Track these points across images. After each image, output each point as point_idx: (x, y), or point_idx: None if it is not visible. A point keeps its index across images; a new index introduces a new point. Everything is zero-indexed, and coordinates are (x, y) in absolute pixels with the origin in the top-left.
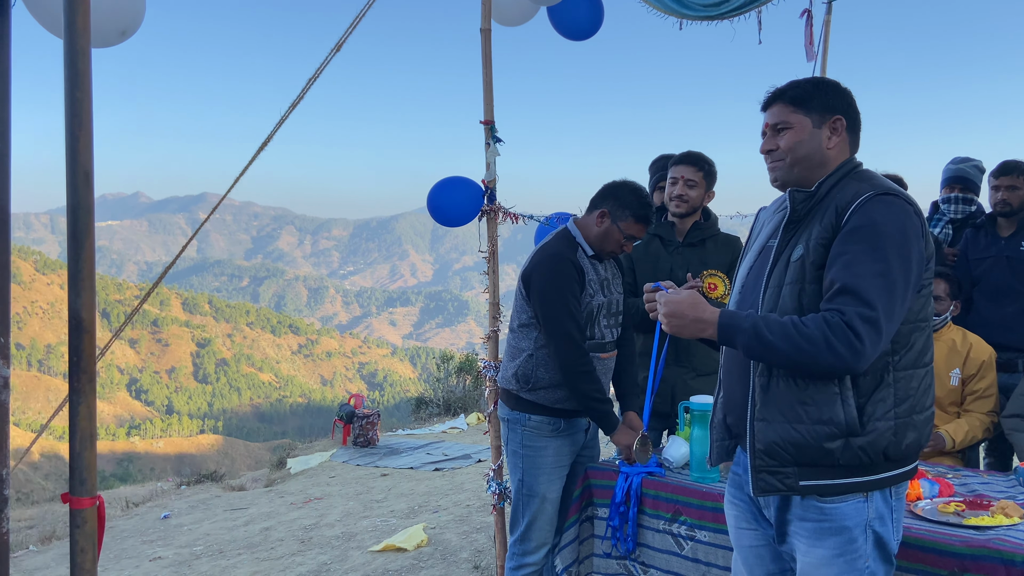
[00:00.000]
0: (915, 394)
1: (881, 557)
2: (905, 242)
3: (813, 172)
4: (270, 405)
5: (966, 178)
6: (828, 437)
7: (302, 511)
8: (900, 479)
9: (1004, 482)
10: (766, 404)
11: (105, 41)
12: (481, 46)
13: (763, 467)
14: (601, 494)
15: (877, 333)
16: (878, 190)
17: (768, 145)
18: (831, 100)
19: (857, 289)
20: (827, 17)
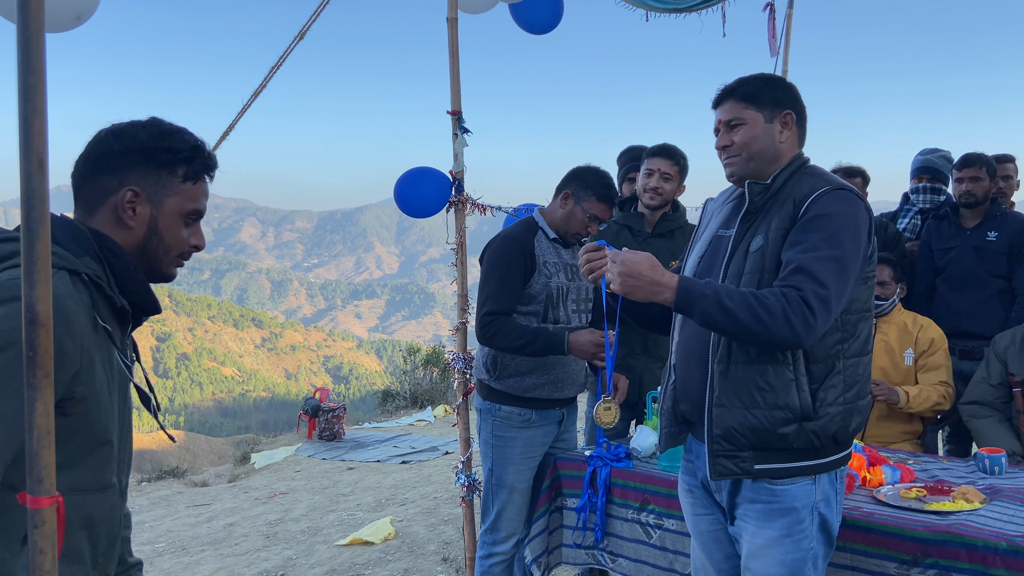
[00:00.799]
0: (861, 380)
1: (824, 539)
2: (857, 233)
3: (767, 166)
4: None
5: (935, 168)
6: (783, 422)
7: (267, 506)
8: (842, 462)
9: (964, 468)
10: (724, 390)
11: (60, 26)
12: (448, 36)
13: (720, 452)
14: (570, 485)
15: (828, 311)
16: (834, 186)
17: (723, 141)
18: (780, 95)
19: (812, 270)
20: (789, 11)
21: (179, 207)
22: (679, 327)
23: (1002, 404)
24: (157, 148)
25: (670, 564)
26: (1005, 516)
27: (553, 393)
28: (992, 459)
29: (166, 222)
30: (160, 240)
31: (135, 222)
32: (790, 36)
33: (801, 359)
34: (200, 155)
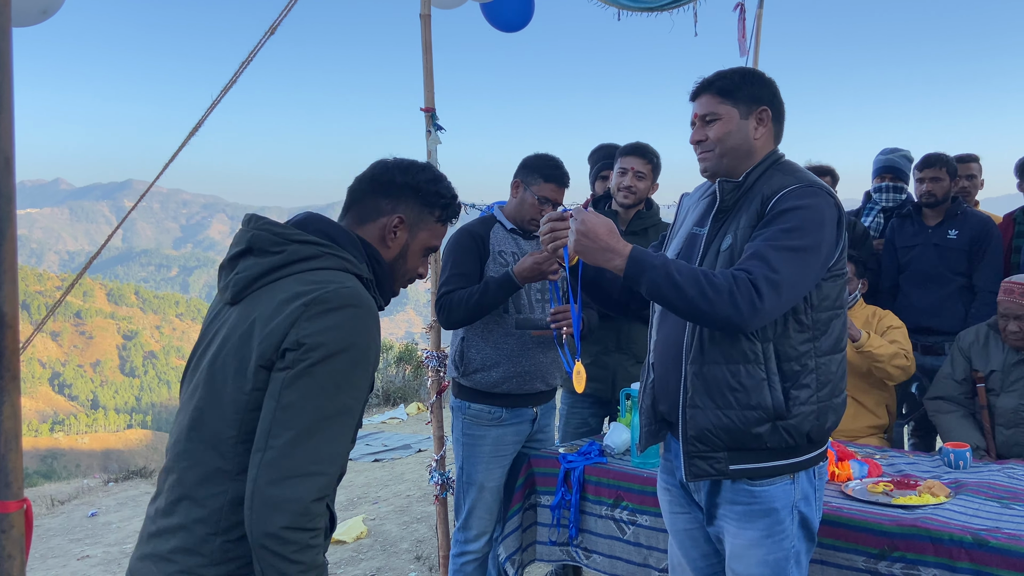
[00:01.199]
0: (834, 378)
1: (805, 536)
2: (821, 228)
3: (741, 162)
4: None
5: (896, 167)
6: (757, 421)
7: None
8: (820, 459)
9: (929, 462)
10: (697, 391)
11: (26, 20)
12: (421, 32)
13: (695, 453)
14: (544, 482)
15: (777, 296)
16: (803, 183)
17: (697, 136)
18: (757, 91)
19: (767, 256)
20: (759, 11)
21: (426, 241)
22: (657, 326)
23: (966, 399)
24: (429, 190)
25: (644, 560)
26: (970, 510)
27: (523, 387)
28: (957, 454)
29: (414, 250)
30: (404, 263)
31: (393, 244)
32: (760, 36)
33: (773, 358)
34: (455, 203)
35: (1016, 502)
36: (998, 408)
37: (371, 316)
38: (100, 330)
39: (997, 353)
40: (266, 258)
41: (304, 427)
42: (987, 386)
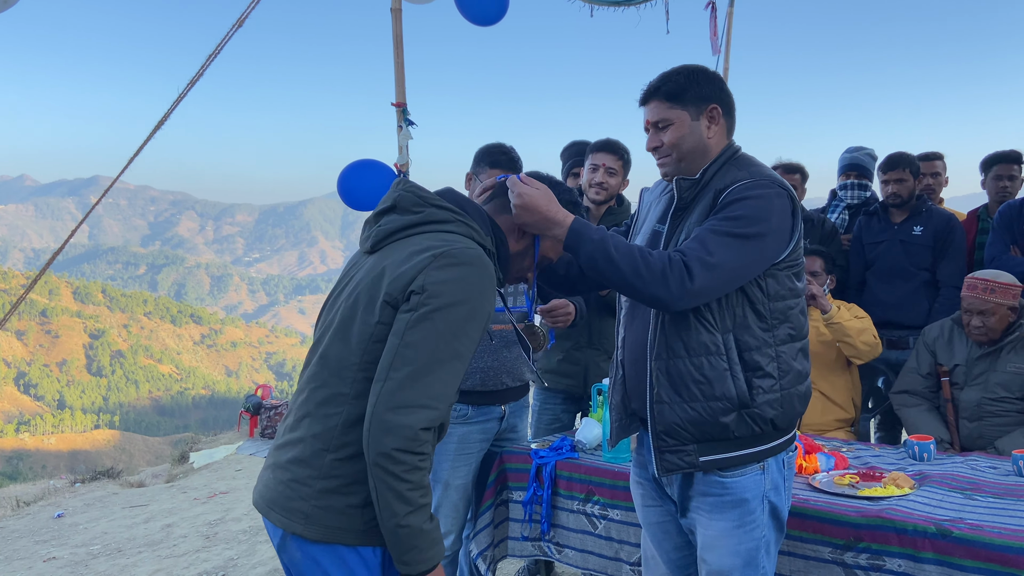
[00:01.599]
0: (796, 366)
1: (775, 526)
2: (768, 218)
3: (698, 162)
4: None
5: (861, 165)
6: (722, 412)
7: (206, 506)
8: (787, 445)
9: (894, 454)
10: (663, 387)
11: None
12: (392, 26)
13: (665, 448)
14: (516, 478)
15: (711, 277)
16: (755, 177)
17: (653, 143)
18: (704, 90)
19: (705, 239)
20: (730, 10)
21: (547, 251)
22: (624, 324)
23: (931, 393)
24: (564, 200)
25: (615, 553)
26: (933, 501)
27: (487, 384)
28: (921, 446)
29: (541, 251)
30: (521, 261)
31: (520, 241)
32: (731, 35)
33: (734, 348)
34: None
35: (978, 493)
36: (962, 401)
37: (488, 278)
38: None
39: (961, 347)
40: (406, 216)
41: (422, 364)
42: (951, 380)
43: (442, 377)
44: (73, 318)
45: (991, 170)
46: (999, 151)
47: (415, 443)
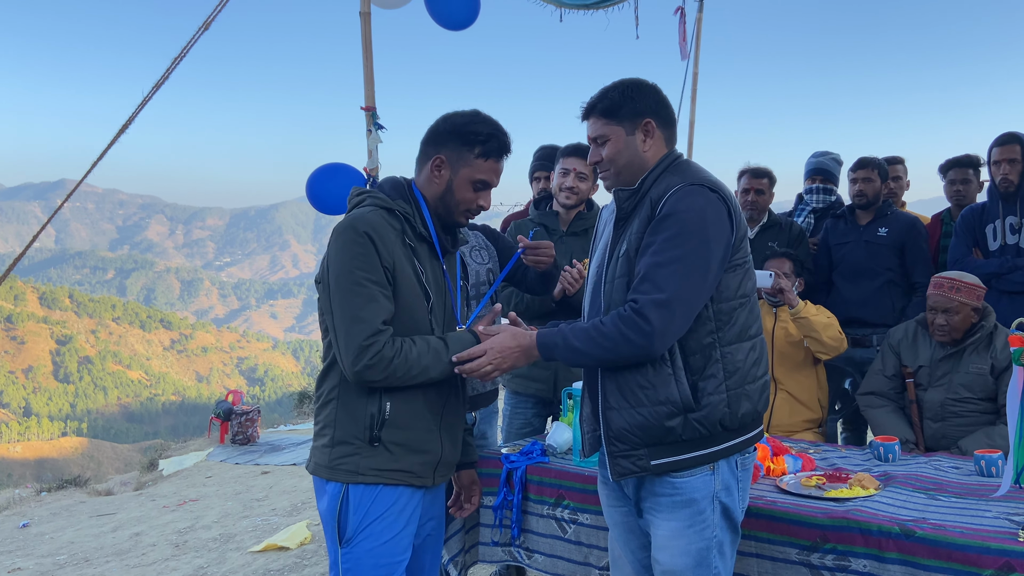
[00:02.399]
0: (743, 366)
1: (728, 526)
2: (703, 227)
3: (637, 174)
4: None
5: (826, 170)
6: (668, 416)
7: (176, 514)
8: (743, 446)
9: (860, 456)
10: (611, 393)
11: None
12: (361, 30)
13: (617, 452)
14: (487, 483)
15: (670, 314)
16: (687, 181)
17: (594, 157)
18: (639, 105)
19: (653, 276)
20: (699, 15)
21: (470, 175)
22: None
23: (896, 394)
24: (464, 130)
25: (585, 558)
26: (898, 501)
27: None
28: (886, 447)
29: (459, 184)
30: (452, 196)
31: (438, 180)
32: (700, 40)
33: (677, 353)
34: (494, 139)
35: (942, 493)
36: (926, 402)
37: (356, 234)
38: (32, 335)
39: (925, 349)
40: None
41: (339, 316)
42: (916, 381)
43: (352, 314)
44: (39, 324)
45: (947, 174)
46: (955, 156)
47: (363, 356)
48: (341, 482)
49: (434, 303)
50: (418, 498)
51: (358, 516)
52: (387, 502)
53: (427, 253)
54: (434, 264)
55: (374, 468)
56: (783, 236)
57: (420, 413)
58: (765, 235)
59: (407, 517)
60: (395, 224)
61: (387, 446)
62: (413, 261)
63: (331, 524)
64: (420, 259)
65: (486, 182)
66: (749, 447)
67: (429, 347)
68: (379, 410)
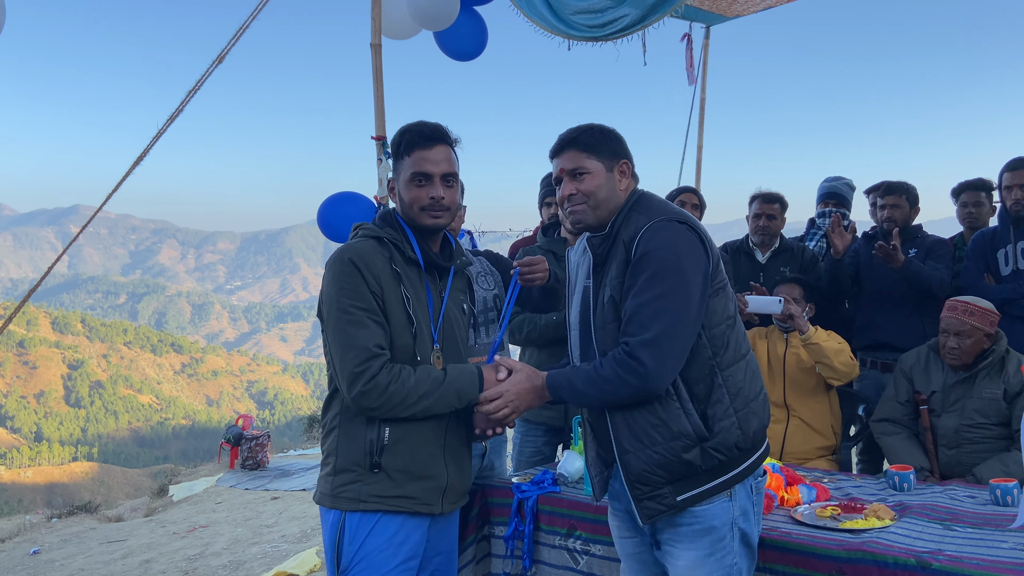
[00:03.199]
0: (744, 386)
1: (746, 552)
2: (678, 261)
3: (610, 213)
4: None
5: (839, 194)
6: (684, 449)
7: (185, 540)
8: (758, 463)
9: (875, 485)
10: (624, 437)
11: None
12: (372, 61)
13: (642, 496)
14: (498, 512)
15: (660, 352)
16: (655, 219)
17: (568, 190)
18: (615, 146)
19: (639, 317)
20: (706, 41)
21: (407, 177)
22: None
23: (910, 421)
24: (393, 149)
25: None
26: (914, 532)
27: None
28: (901, 476)
29: (404, 189)
30: (405, 202)
31: (395, 197)
32: (707, 66)
33: (681, 386)
34: (408, 134)
35: (957, 523)
36: (940, 429)
37: (343, 264)
38: (44, 360)
39: (938, 374)
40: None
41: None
42: (929, 407)
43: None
44: (51, 348)
45: (959, 198)
46: (967, 180)
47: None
48: (341, 510)
49: (418, 328)
50: (423, 528)
51: (354, 545)
52: (387, 531)
53: (416, 276)
54: (420, 288)
55: (376, 495)
56: (795, 261)
57: (421, 437)
58: (777, 260)
59: (410, 548)
60: (384, 252)
61: (388, 473)
62: (399, 287)
63: (330, 553)
64: (407, 283)
65: (421, 173)
66: (760, 469)
67: (429, 377)
68: (378, 436)
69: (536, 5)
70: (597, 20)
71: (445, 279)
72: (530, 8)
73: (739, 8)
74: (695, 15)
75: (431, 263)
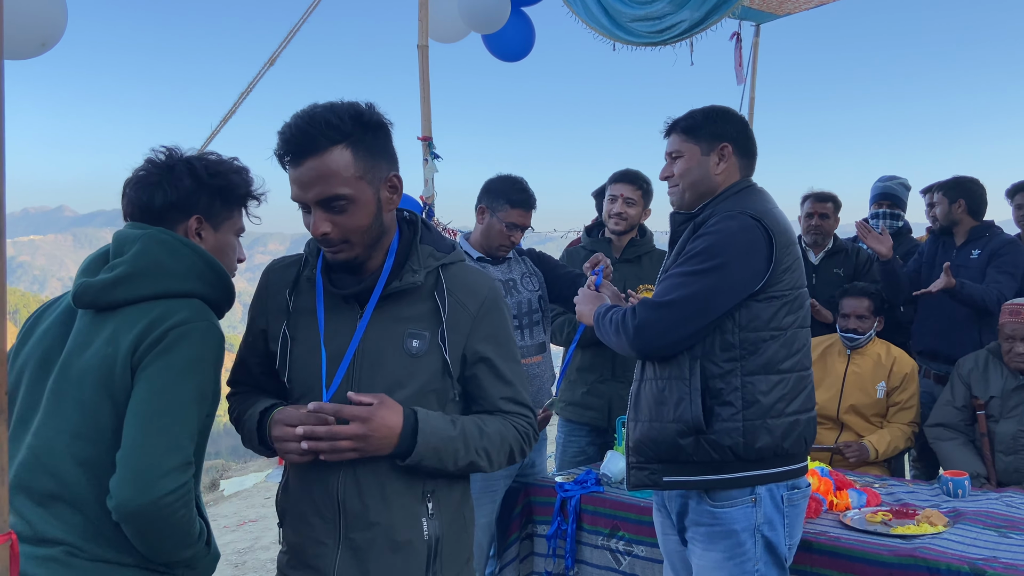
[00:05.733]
0: (766, 399)
1: (772, 561)
2: (727, 250)
3: (702, 197)
4: None
5: (893, 195)
6: (679, 434)
7: (236, 534)
8: (761, 480)
9: (928, 491)
10: (636, 406)
11: (24, 53)
12: (419, 63)
13: (633, 464)
14: (541, 511)
15: (658, 319)
16: (730, 210)
17: (665, 172)
18: (719, 129)
19: (664, 285)
20: (755, 40)
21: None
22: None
23: (966, 427)
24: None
25: None
26: (968, 539)
27: None
28: (956, 482)
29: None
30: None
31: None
32: (756, 64)
33: (698, 375)
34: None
35: (1014, 531)
36: (998, 435)
37: None
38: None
39: (996, 379)
40: None
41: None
42: (987, 412)
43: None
44: None
45: (1014, 198)
46: (1022, 180)
47: None
48: None
49: None
50: None
51: None
52: None
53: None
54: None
55: None
56: (849, 262)
57: None
58: (831, 261)
59: None
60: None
61: None
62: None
63: None
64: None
65: (295, 199)
66: (775, 481)
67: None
68: None
69: (594, 12)
70: (655, 27)
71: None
72: (588, 15)
73: (790, 6)
74: (746, 14)
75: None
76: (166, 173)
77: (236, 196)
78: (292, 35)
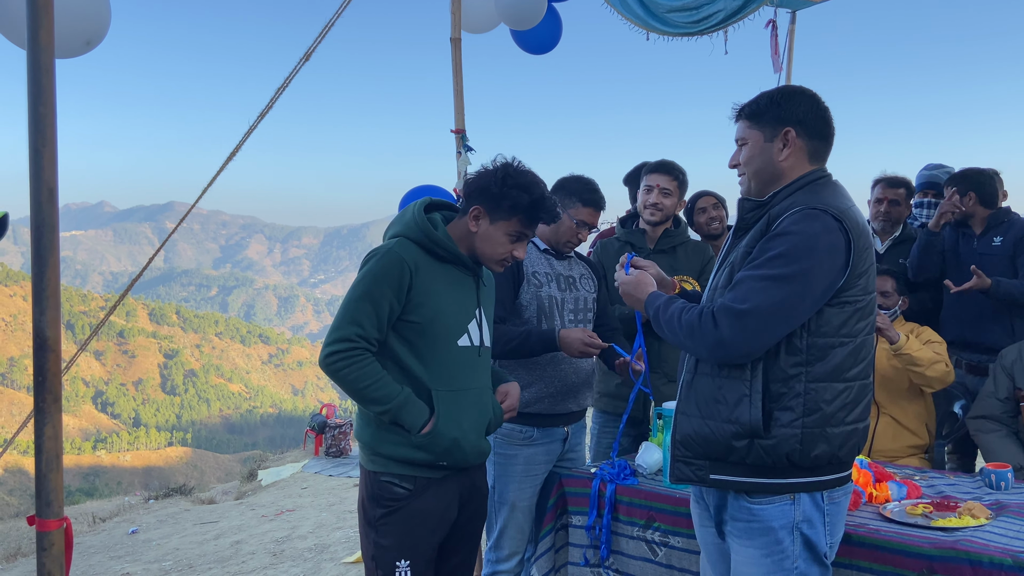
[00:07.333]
0: (829, 408)
1: (812, 559)
2: (811, 254)
3: (768, 185)
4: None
5: (938, 183)
6: (734, 435)
7: (274, 523)
8: (813, 487)
9: (970, 483)
10: (687, 400)
11: (70, 51)
12: (451, 55)
13: (679, 457)
14: (576, 502)
15: (741, 326)
16: (808, 206)
17: (732, 160)
18: (783, 112)
19: (742, 287)
20: (791, 27)
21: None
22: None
23: (1009, 418)
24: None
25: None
26: (1011, 532)
27: (554, 408)
28: (998, 474)
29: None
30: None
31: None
32: (792, 52)
33: (760, 377)
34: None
35: None
36: None
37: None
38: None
39: None
40: None
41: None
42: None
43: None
44: (149, 338)
45: None
46: None
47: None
48: None
49: None
50: None
51: None
52: None
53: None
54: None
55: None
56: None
57: None
58: (897, 250)
59: None
60: None
61: None
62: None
63: None
64: None
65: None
66: (824, 489)
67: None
68: None
69: (629, 3)
70: (693, 17)
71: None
72: (623, 6)
73: None
74: (782, 1)
75: None
76: None
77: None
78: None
